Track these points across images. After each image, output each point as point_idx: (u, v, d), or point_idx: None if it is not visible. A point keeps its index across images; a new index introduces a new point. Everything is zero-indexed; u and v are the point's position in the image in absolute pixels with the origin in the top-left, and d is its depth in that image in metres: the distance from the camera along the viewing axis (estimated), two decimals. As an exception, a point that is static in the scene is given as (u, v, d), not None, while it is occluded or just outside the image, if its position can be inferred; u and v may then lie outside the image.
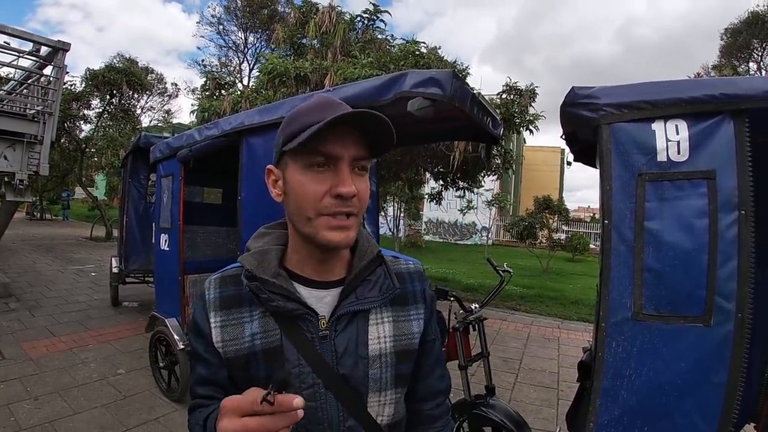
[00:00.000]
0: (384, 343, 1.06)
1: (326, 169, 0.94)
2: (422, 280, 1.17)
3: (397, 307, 1.10)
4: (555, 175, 42.00)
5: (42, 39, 8.31)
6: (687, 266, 1.93)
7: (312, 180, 0.94)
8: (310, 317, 1.01)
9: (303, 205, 0.95)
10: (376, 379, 1.04)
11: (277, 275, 1.01)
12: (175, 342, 4.43)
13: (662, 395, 1.97)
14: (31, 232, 19.42)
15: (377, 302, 1.04)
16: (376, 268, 1.08)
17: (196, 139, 4.24)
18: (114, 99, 19.06)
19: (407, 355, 1.09)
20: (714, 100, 1.94)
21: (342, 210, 0.93)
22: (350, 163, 0.94)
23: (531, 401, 4.90)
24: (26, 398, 4.40)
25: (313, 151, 0.93)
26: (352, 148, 0.94)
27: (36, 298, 8.30)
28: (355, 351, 1.02)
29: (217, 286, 1.08)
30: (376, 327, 1.06)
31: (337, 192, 0.92)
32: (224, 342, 1.03)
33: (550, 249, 16.31)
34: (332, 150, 0.93)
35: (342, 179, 0.92)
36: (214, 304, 1.05)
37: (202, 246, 5.61)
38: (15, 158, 7.63)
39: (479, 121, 3.14)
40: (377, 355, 1.04)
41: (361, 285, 1.05)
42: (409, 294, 1.13)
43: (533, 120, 8.82)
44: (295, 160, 0.96)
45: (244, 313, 1.04)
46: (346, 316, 1.02)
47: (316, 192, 0.93)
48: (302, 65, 8.35)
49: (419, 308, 1.14)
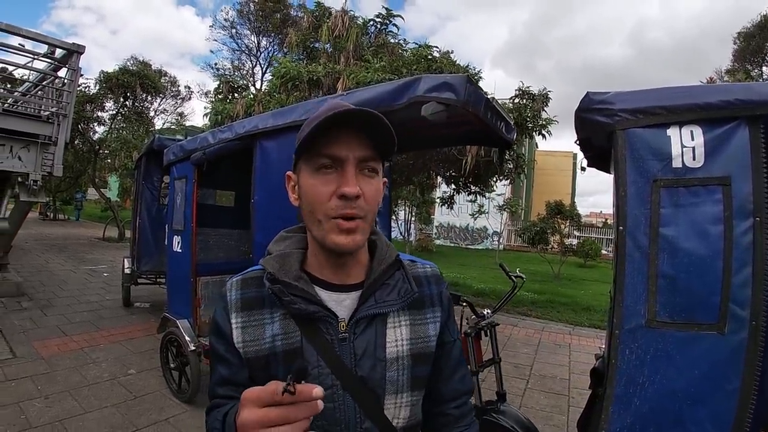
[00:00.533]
0: (401, 346, 1.07)
1: (333, 171, 0.96)
2: (439, 283, 1.18)
3: (414, 311, 1.11)
4: (567, 180, 41.86)
5: (57, 41, 8.41)
6: (701, 273, 1.92)
7: (320, 182, 0.96)
8: (330, 319, 1.02)
9: (313, 207, 0.98)
10: (393, 382, 1.05)
11: (298, 278, 1.03)
12: (186, 343, 4.45)
13: (675, 403, 1.96)
14: (44, 232, 19.61)
15: (396, 306, 1.05)
16: (395, 272, 1.09)
17: (210, 142, 4.27)
18: (127, 101, 19.27)
19: (423, 358, 1.10)
20: (729, 106, 1.93)
21: (347, 212, 0.94)
22: (357, 165, 0.96)
23: (542, 408, 4.87)
24: (37, 397, 4.43)
25: (319, 153, 0.95)
26: (357, 149, 0.96)
27: (48, 298, 8.37)
28: (373, 353, 1.03)
29: (239, 287, 1.09)
30: (393, 330, 1.07)
31: (341, 192, 0.93)
32: (245, 342, 1.04)
33: (561, 254, 16.21)
34: (337, 151, 0.95)
35: (346, 180, 0.94)
36: (236, 305, 1.07)
37: (215, 248, 5.63)
38: (29, 159, 7.70)
39: (493, 125, 3.14)
40: (394, 357, 1.05)
41: (380, 289, 1.06)
42: (426, 297, 1.14)
43: (546, 124, 8.79)
44: (306, 163, 0.99)
45: (265, 314, 1.05)
46: (365, 319, 1.04)
47: (323, 193, 0.95)
48: (315, 69, 8.38)
49: (436, 311, 1.15)
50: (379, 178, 1.02)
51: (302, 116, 3.33)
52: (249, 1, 24.64)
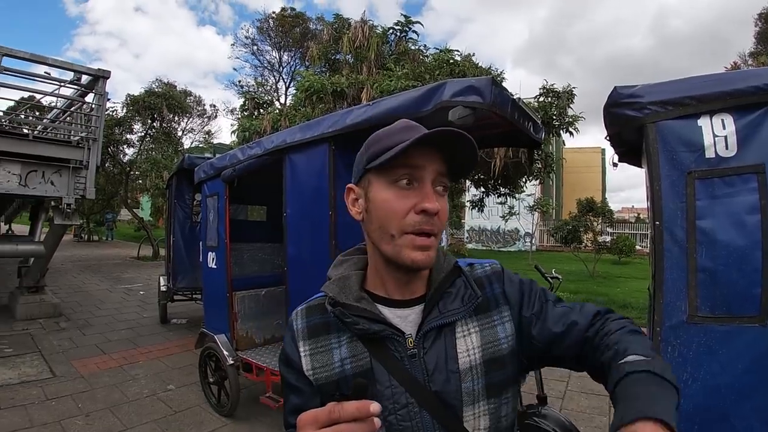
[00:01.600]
0: (473, 354, 1.03)
1: (411, 186, 0.95)
2: (500, 280, 1.13)
3: (481, 315, 1.08)
4: (597, 176, 41.30)
5: (82, 68, 8.63)
6: (741, 265, 1.89)
7: (396, 196, 0.95)
8: (396, 337, 1.00)
9: (387, 222, 0.96)
10: (469, 392, 1.02)
11: (360, 299, 1.02)
12: (224, 357, 4.51)
13: (719, 399, 1.92)
14: (79, 254, 20.07)
15: (461, 313, 1.03)
16: (455, 279, 1.07)
17: (240, 158, 4.34)
18: (155, 122, 19.66)
19: (496, 362, 1.05)
20: (759, 91, 1.90)
21: (425, 228, 0.94)
22: (432, 182, 0.96)
23: (582, 409, 4.81)
24: (78, 414, 4.52)
25: (399, 166, 0.94)
26: (435, 167, 0.96)
27: (86, 317, 8.58)
28: (445, 366, 1.01)
29: (304, 316, 1.10)
30: (464, 339, 1.04)
31: (422, 207, 0.92)
32: (314, 369, 1.03)
33: (595, 252, 15.99)
34: (418, 167, 0.94)
35: (427, 195, 0.93)
36: (302, 333, 1.07)
37: (249, 263, 5.69)
38: (62, 183, 7.90)
39: (521, 126, 3.12)
40: (468, 368, 1.02)
41: (443, 298, 1.04)
42: (491, 298, 1.10)
43: (572, 122, 8.72)
44: (380, 177, 0.98)
45: (332, 339, 1.05)
46: (432, 332, 1.02)
47: (401, 208, 0.94)
48: (338, 81, 8.46)
49: (502, 311, 1.10)
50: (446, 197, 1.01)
51: (329, 128, 3.37)
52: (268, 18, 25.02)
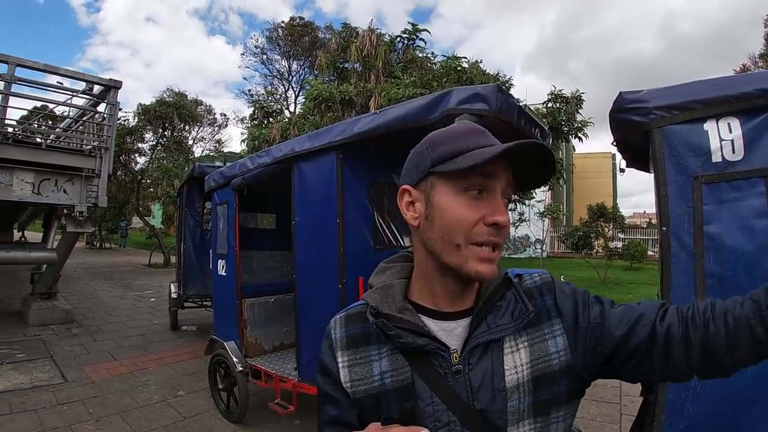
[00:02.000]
0: (522, 372, 0.96)
1: (481, 196, 0.90)
2: (551, 291, 1.05)
3: (531, 329, 1.00)
4: (607, 182, 41.04)
5: (94, 78, 8.77)
6: (749, 269, 1.87)
7: (466, 205, 0.90)
8: (441, 352, 0.95)
9: (454, 231, 0.90)
10: (515, 411, 0.94)
11: (403, 310, 0.98)
12: (233, 364, 4.52)
13: (728, 406, 1.90)
14: (91, 261, 20.29)
15: (511, 329, 0.97)
16: (506, 292, 1.02)
17: (249, 167, 4.38)
18: (166, 132, 19.86)
19: (546, 379, 0.97)
20: (766, 94, 1.88)
21: (493, 240, 0.90)
22: (502, 193, 0.92)
23: (593, 417, 4.78)
24: (88, 419, 4.55)
25: (474, 175, 0.89)
26: (507, 178, 0.92)
27: (97, 324, 8.67)
28: (491, 384, 0.94)
29: (343, 324, 1.05)
30: (512, 355, 0.97)
31: (494, 220, 0.88)
32: (353, 382, 0.99)
33: (607, 258, 15.88)
34: (493, 177, 0.90)
35: (498, 207, 0.90)
36: (341, 343, 1.03)
37: (258, 270, 5.72)
38: (74, 192, 8.01)
39: (527, 133, 3.12)
40: (515, 386, 0.95)
41: (492, 312, 0.99)
42: (542, 311, 1.02)
43: (582, 127, 8.70)
44: (448, 182, 0.92)
45: (372, 351, 1.00)
46: (479, 348, 0.96)
47: (471, 218, 0.89)
48: (347, 89, 8.50)
49: (554, 324, 1.01)
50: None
51: (337, 137, 3.39)
52: (277, 27, 25.21)
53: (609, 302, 1.05)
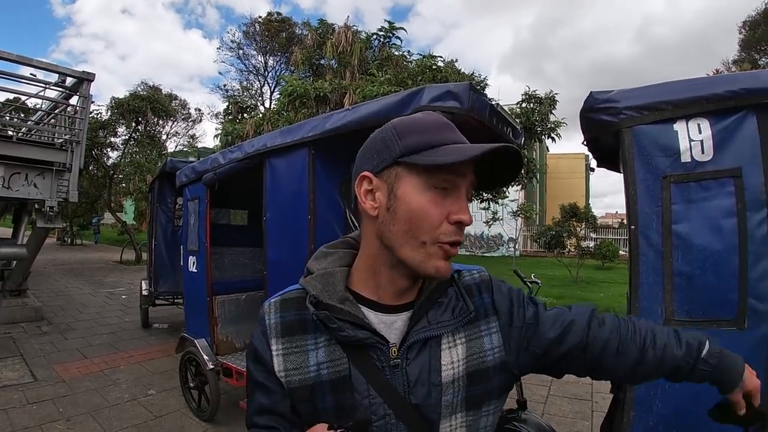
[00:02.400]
0: (457, 367, 0.98)
1: (447, 193, 0.89)
2: (489, 289, 1.07)
3: (469, 326, 1.02)
4: (580, 182, 41.60)
5: (67, 70, 8.59)
6: (717, 268, 1.89)
7: (433, 202, 0.88)
8: (380, 345, 0.94)
9: (419, 227, 0.89)
10: (449, 405, 0.97)
11: (344, 300, 0.95)
12: (204, 362, 4.46)
13: (697, 403, 1.91)
14: (62, 257, 19.89)
15: (450, 327, 0.98)
16: (447, 288, 1.02)
17: (221, 162, 4.32)
18: (139, 126, 19.57)
19: (480, 374, 1.00)
20: (736, 96, 1.91)
21: (457, 239, 0.90)
22: (466, 192, 0.92)
23: (564, 414, 4.82)
24: (58, 419, 4.46)
25: (446, 171, 0.88)
26: (472, 177, 0.92)
27: (68, 322, 8.49)
28: (427, 379, 0.95)
29: (278, 310, 1.01)
30: (449, 351, 0.98)
31: (458, 219, 0.88)
32: (287, 371, 0.97)
33: (578, 257, 16.08)
34: (463, 175, 0.90)
35: (463, 206, 0.89)
36: (276, 330, 1.00)
37: (230, 267, 5.66)
38: (45, 186, 7.83)
39: (499, 131, 3.13)
40: (450, 381, 0.96)
41: (433, 308, 0.98)
42: (480, 309, 1.04)
43: (555, 128, 8.79)
44: (416, 175, 0.90)
45: (309, 340, 0.98)
46: (418, 343, 0.96)
47: (437, 215, 0.88)
48: (321, 86, 8.47)
49: (490, 322, 1.04)
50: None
51: (309, 132, 3.36)
52: (254, 22, 25.00)
53: (542, 305, 1.11)
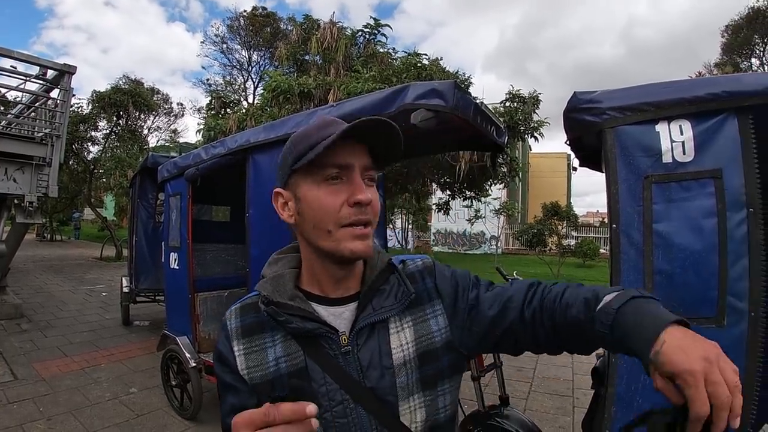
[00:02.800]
0: (407, 349, 1.05)
1: (340, 181, 0.95)
2: (431, 274, 1.14)
3: (414, 310, 1.09)
4: (562, 181, 41.96)
5: (48, 63, 8.45)
6: (697, 267, 1.92)
7: (328, 192, 0.95)
8: (330, 335, 1.01)
9: (322, 219, 0.96)
10: (404, 387, 1.03)
11: (294, 297, 1.02)
12: (186, 360, 4.43)
13: None
14: (41, 254, 19.56)
15: (394, 310, 1.04)
16: (389, 276, 1.08)
17: (203, 157, 4.27)
18: (121, 120, 19.28)
19: (430, 355, 1.07)
20: (717, 98, 1.93)
21: (361, 218, 0.95)
22: (360, 174, 0.96)
23: (546, 410, 4.86)
24: (39, 418, 4.40)
25: (327, 164, 0.94)
26: (362, 158, 0.97)
27: (48, 319, 8.36)
28: (379, 362, 1.02)
29: (238, 315, 1.09)
30: (397, 335, 1.05)
31: (355, 199, 0.93)
32: (249, 369, 1.03)
33: (560, 255, 16.22)
34: (346, 160, 0.95)
35: (358, 187, 0.94)
36: (236, 333, 1.07)
37: (212, 264, 5.62)
38: (24, 181, 7.72)
39: (483, 130, 3.14)
40: (402, 363, 1.03)
41: (376, 296, 1.05)
42: (423, 293, 1.11)
43: (538, 127, 8.83)
44: (308, 176, 0.97)
45: (266, 338, 1.04)
46: (365, 329, 1.02)
47: (334, 203, 0.94)
48: (306, 82, 8.42)
49: (435, 304, 1.11)
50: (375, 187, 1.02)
51: (293, 129, 3.32)
52: (239, 16, 24.81)
53: (486, 284, 1.15)
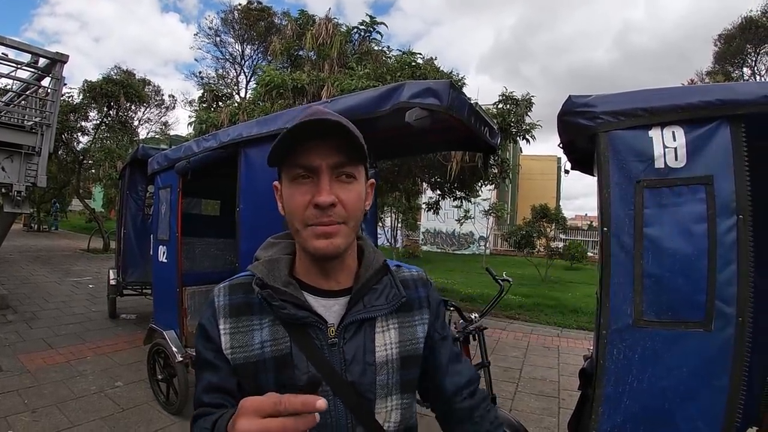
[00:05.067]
0: (390, 349, 1.07)
1: (309, 180, 0.96)
2: (425, 286, 1.19)
3: (402, 314, 1.11)
4: (552, 184, 42.15)
5: (40, 50, 8.37)
6: (687, 272, 1.93)
7: (296, 192, 0.96)
8: (319, 325, 1.02)
9: (292, 217, 0.98)
10: (383, 386, 1.06)
11: (287, 284, 1.03)
12: (173, 354, 4.40)
13: (665, 401, 1.96)
14: (28, 244, 19.34)
15: (384, 310, 1.06)
16: (382, 277, 1.10)
17: (194, 150, 4.24)
18: (111, 111, 19.09)
19: (412, 360, 1.11)
20: (710, 106, 1.95)
21: (322, 220, 0.94)
22: (331, 171, 0.95)
23: (532, 410, 4.88)
24: (24, 411, 4.37)
25: (292, 164, 0.96)
26: (329, 157, 0.95)
27: (33, 310, 8.28)
28: (362, 358, 1.04)
29: (227, 293, 1.08)
30: (382, 334, 1.08)
31: (314, 202, 0.93)
32: (233, 349, 1.03)
33: (548, 257, 16.31)
34: (309, 161, 0.94)
35: (320, 189, 0.94)
36: (224, 311, 1.06)
37: (201, 258, 5.61)
38: (13, 170, 7.65)
39: (477, 130, 3.14)
40: (383, 361, 1.06)
41: (368, 294, 1.06)
42: (414, 300, 1.14)
43: (530, 129, 8.85)
44: (285, 174, 0.99)
45: (254, 320, 1.04)
46: (353, 325, 1.04)
47: (300, 203, 0.95)
48: (299, 77, 8.38)
49: (423, 314, 1.15)
50: (360, 182, 1.01)
51: (286, 124, 3.31)
52: (233, 9, 24.62)
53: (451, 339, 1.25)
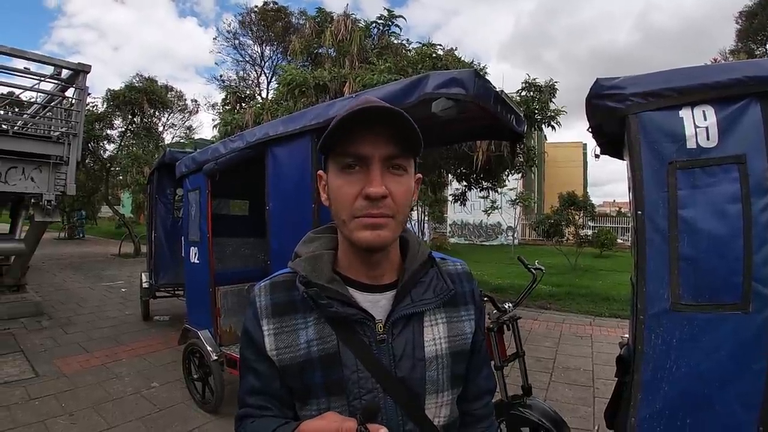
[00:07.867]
0: (440, 344, 1.05)
1: (359, 170, 0.93)
2: (470, 280, 1.16)
3: (450, 308, 1.09)
4: (578, 171, 41.67)
5: (62, 62, 8.51)
6: (722, 253, 1.91)
7: (345, 182, 0.93)
8: (367, 322, 0.99)
9: (339, 207, 0.95)
10: (434, 381, 1.03)
11: (332, 280, 1.00)
12: (208, 353, 4.47)
13: (703, 385, 1.94)
14: (59, 252, 19.78)
15: (432, 304, 1.03)
16: (429, 269, 1.07)
17: (222, 152, 4.30)
18: (136, 118, 19.41)
19: (462, 355, 1.09)
20: (739, 84, 1.92)
21: (373, 212, 0.91)
22: (383, 163, 0.92)
23: (567, 400, 4.85)
24: (61, 414, 4.46)
25: (343, 153, 0.93)
26: (383, 147, 0.92)
27: (68, 316, 8.47)
28: (412, 354, 1.01)
29: (268, 292, 1.06)
30: (431, 328, 1.05)
31: (365, 193, 0.90)
32: (279, 350, 1.01)
33: (577, 246, 16.11)
34: (361, 150, 0.92)
35: (372, 180, 0.91)
36: (266, 311, 1.04)
37: (232, 257, 5.66)
38: (42, 180, 7.79)
39: (503, 118, 3.12)
40: (433, 356, 1.03)
41: (415, 287, 1.04)
42: (460, 295, 1.12)
43: (555, 116, 8.75)
44: (333, 163, 0.96)
45: (299, 319, 1.02)
46: (402, 320, 1.01)
47: (349, 194, 0.92)
48: (321, 74, 8.39)
49: (470, 309, 1.13)
50: (410, 175, 0.98)
51: (312, 121, 3.34)
52: (250, 11, 24.79)
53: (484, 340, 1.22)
